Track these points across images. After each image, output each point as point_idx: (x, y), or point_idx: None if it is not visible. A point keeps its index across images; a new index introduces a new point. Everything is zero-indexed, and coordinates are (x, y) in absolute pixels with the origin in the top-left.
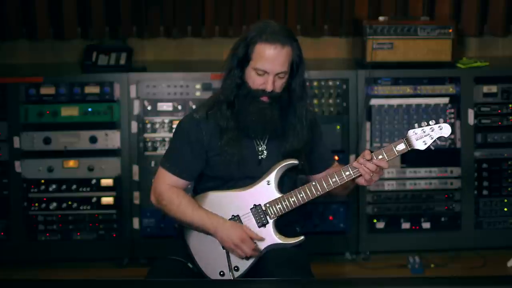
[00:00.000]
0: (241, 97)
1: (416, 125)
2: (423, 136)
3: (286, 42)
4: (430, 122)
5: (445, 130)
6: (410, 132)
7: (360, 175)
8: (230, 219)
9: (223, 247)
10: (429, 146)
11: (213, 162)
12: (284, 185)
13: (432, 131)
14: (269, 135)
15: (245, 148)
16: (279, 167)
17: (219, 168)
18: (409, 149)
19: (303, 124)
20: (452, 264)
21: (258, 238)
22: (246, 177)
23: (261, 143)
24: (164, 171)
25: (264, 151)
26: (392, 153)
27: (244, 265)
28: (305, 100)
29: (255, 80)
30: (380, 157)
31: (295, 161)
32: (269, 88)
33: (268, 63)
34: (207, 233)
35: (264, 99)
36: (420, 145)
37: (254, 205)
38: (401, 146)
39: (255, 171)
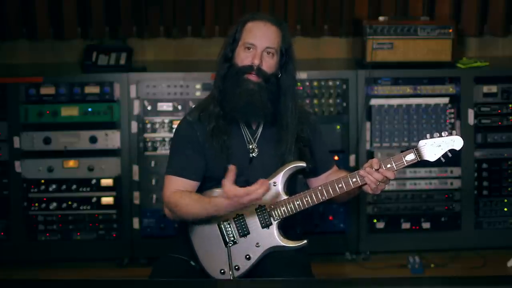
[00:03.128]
0: (230, 79)
1: (428, 135)
2: (434, 148)
3: (276, 24)
4: (443, 134)
5: (457, 143)
6: (421, 143)
7: (366, 183)
8: (234, 218)
9: (225, 244)
10: (439, 158)
11: (207, 162)
12: (290, 186)
13: (444, 143)
14: (259, 120)
15: (234, 144)
16: (287, 169)
17: (211, 168)
18: (418, 160)
19: (293, 118)
20: (452, 264)
21: (243, 193)
22: (239, 177)
23: (252, 141)
24: (170, 177)
25: (255, 149)
26: (401, 163)
27: (244, 264)
28: (294, 88)
29: (243, 58)
30: (389, 166)
31: (303, 164)
32: (256, 61)
33: (256, 36)
34: (217, 215)
35: (252, 77)
36: (430, 157)
37: (259, 205)
38: (410, 156)
39: (246, 169)
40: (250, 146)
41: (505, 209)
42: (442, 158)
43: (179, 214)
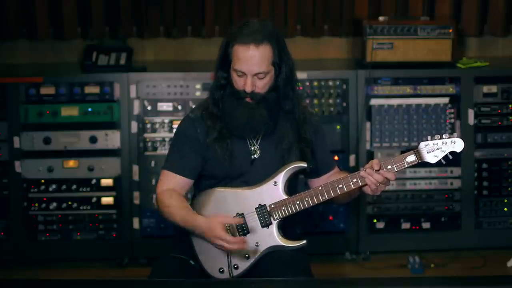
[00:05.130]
0: (227, 98)
1: (428, 137)
2: (435, 150)
3: (263, 41)
4: (444, 136)
5: (458, 145)
6: (422, 145)
7: (366, 184)
8: (234, 216)
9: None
10: (440, 160)
11: (207, 161)
12: (291, 187)
13: (445, 144)
14: (261, 135)
15: (237, 147)
16: (288, 169)
17: (212, 167)
18: (419, 161)
19: (294, 121)
20: (452, 264)
21: (235, 222)
22: (240, 177)
23: (254, 143)
24: (166, 172)
25: (257, 151)
26: (401, 164)
27: (244, 264)
28: (292, 97)
29: (236, 81)
30: (389, 167)
31: (304, 164)
32: (248, 89)
33: (244, 64)
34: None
35: (248, 100)
36: (430, 159)
37: (260, 204)
38: (411, 158)
39: (248, 170)
40: (252, 148)
41: (505, 209)
42: (442, 160)
43: (162, 211)
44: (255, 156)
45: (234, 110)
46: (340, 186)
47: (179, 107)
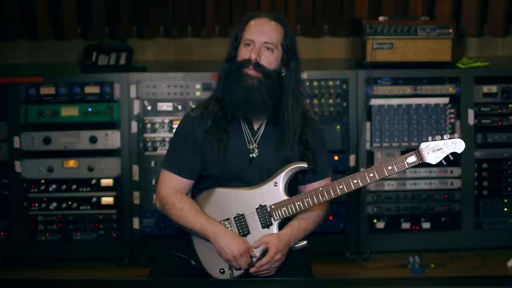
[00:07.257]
0: (230, 75)
1: (429, 138)
2: (436, 150)
3: (276, 20)
4: (444, 136)
5: (459, 145)
6: (422, 145)
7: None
8: (235, 217)
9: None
10: (441, 161)
11: (205, 160)
12: (291, 187)
13: (445, 145)
14: (258, 116)
15: (234, 145)
16: (288, 169)
17: (209, 166)
18: (419, 162)
19: (295, 116)
20: (452, 264)
21: (254, 255)
22: (238, 176)
23: (252, 141)
24: (165, 172)
25: (255, 150)
26: (402, 165)
27: None
28: (297, 86)
29: (243, 54)
30: (390, 168)
31: (305, 165)
32: (253, 55)
33: (254, 32)
34: (207, 239)
35: (250, 71)
36: (431, 159)
37: (260, 205)
38: (412, 159)
39: (246, 170)
40: (250, 146)
41: (505, 209)
42: (443, 161)
43: (171, 213)
44: (253, 154)
45: (233, 85)
46: (341, 186)
47: (179, 107)
